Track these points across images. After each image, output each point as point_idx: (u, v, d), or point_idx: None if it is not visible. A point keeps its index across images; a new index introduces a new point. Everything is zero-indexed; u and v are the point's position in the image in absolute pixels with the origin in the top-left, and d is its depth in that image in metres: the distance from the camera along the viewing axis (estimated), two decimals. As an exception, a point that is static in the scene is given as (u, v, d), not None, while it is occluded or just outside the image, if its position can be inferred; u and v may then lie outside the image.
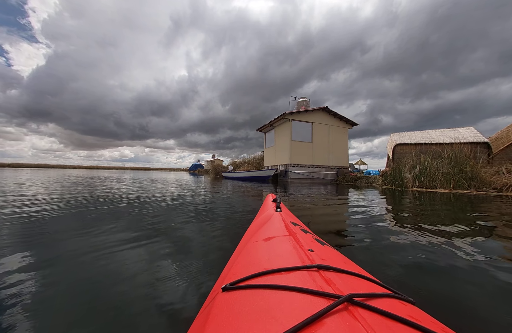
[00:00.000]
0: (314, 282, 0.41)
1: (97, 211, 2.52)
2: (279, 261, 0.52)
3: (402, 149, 11.71)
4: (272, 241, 0.68)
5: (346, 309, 0.33)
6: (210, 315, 0.42)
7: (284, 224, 0.81)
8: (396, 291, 0.45)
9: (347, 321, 0.31)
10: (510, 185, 5.93)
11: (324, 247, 0.64)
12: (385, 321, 0.32)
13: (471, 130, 11.28)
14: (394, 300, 0.41)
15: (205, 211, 2.73)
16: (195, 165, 49.81)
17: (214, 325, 0.38)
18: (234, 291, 0.45)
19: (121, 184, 7.11)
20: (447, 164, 7.39)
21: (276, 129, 14.27)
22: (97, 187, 5.56)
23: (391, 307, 0.37)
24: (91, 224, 1.98)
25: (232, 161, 24.15)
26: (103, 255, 1.29)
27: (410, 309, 0.40)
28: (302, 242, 0.61)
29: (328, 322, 0.31)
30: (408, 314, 0.36)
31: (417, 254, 1.41)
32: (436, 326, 0.36)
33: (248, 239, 0.83)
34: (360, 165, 26.44)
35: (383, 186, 8.73)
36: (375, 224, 2.22)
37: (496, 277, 1.13)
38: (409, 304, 0.42)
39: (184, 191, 5.33)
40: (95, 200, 3.33)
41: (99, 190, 4.94)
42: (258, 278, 0.47)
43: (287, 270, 0.46)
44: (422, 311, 0.42)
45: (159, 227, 1.94)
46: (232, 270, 0.59)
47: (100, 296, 0.91)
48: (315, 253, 0.54)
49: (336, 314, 0.32)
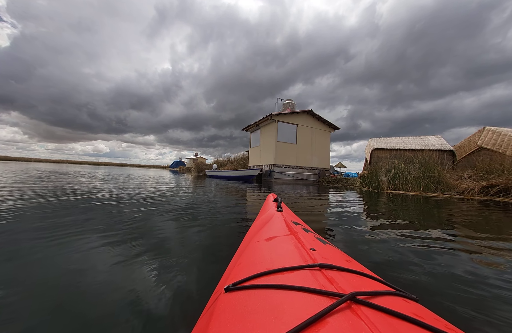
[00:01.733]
0: (317, 281, 0.41)
1: (84, 208, 2.35)
2: (281, 261, 0.52)
3: (379, 154, 12.40)
4: (273, 240, 0.68)
5: (349, 307, 0.33)
6: (213, 315, 0.42)
7: (286, 224, 0.81)
8: (399, 289, 0.45)
9: (351, 319, 0.31)
10: (471, 189, 6.61)
11: (326, 245, 0.64)
12: (388, 319, 0.32)
13: (439, 138, 12.32)
14: (397, 298, 0.40)
15: (197, 210, 2.67)
16: (177, 162, 48.32)
17: (217, 325, 0.38)
18: (237, 291, 0.45)
19: (107, 182, 6.65)
20: (418, 169, 7.96)
21: (262, 130, 14.35)
22: (71, 183, 5.16)
23: (395, 305, 0.37)
24: (96, 223, 1.83)
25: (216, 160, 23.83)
26: (94, 256, 1.21)
27: (413, 307, 0.39)
28: (303, 241, 0.61)
29: (331, 321, 0.30)
30: (412, 312, 0.36)
31: (386, 244, 1.66)
32: (440, 324, 0.36)
33: (250, 239, 0.82)
34: (339, 168, 27.63)
35: (361, 188, 9.17)
36: (353, 219, 2.38)
37: (453, 264, 1.32)
38: (413, 301, 0.42)
39: (172, 189, 5.18)
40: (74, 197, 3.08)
41: (76, 186, 4.59)
42: (260, 278, 0.47)
43: (289, 270, 0.46)
44: (426, 308, 0.41)
45: (150, 227, 1.86)
46: (234, 270, 0.59)
47: (94, 298, 0.86)
48: (317, 252, 0.54)
49: (339, 313, 0.32)
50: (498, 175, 6.64)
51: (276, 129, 12.69)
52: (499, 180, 6.26)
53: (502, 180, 6.21)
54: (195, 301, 0.86)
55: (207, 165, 23.07)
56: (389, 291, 0.42)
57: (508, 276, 1.20)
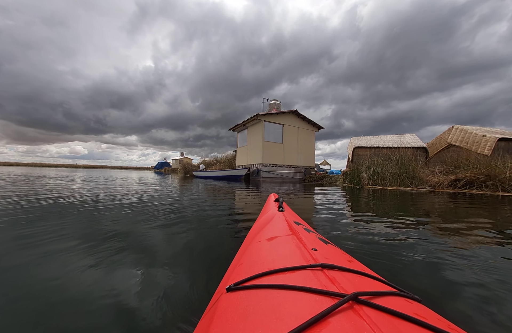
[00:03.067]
0: (319, 281, 0.41)
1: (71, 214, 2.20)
2: (283, 261, 0.52)
3: (360, 152, 12.96)
4: (275, 240, 0.67)
5: (351, 307, 0.33)
6: (215, 315, 0.42)
7: (287, 224, 0.80)
8: (402, 289, 0.45)
9: (353, 319, 0.30)
10: (441, 182, 7.18)
11: (328, 245, 0.64)
12: (390, 319, 0.32)
13: (414, 136, 13.16)
14: (399, 298, 0.40)
15: (188, 211, 2.62)
16: (161, 163, 46.83)
17: (219, 325, 0.38)
18: (239, 291, 0.45)
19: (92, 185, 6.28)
20: (395, 165, 8.43)
21: (249, 130, 14.37)
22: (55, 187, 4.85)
23: (397, 305, 0.37)
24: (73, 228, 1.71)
25: (203, 160, 23.48)
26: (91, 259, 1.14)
27: (416, 307, 0.39)
28: (305, 241, 0.61)
29: (333, 321, 0.30)
30: (414, 312, 0.36)
31: (365, 231, 1.89)
32: (443, 324, 0.35)
33: (252, 239, 0.82)
34: (324, 166, 28.44)
35: (344, 184, 9.52)
36: (337, 213, 2.55)
37: (425, 249, 1.48)
38: (415, 302, 0.42)
39: (158, 190, 5.02)
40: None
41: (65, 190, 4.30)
42: (262, 278, 0.47)
43: (291, 270, 0.46)
44: (428, 309, 0.41)
45: (150, 227, 1.83)
46: (236, 270, 0.59)
47: (96, 300, 0.81)
48: (319, 252, 0.54)
49: (341, 313, 0.31)
50: (464, 169, 7.24)
51: (263, 129, 12.78)
52: (465, 174, 6.84)
53: (468, 173, 6.80)
54: (197, 301, 0.86)
55: (193, 166, 22.64)
56: (391, 291, 0.41)
57: (468, 253, 1.37)
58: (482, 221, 2.42)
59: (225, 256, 1.29)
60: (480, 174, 6.53)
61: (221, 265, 1.16)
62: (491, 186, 6.23)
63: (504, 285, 1.02)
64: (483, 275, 1.12)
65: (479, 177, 6.48)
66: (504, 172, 6.18)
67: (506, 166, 6.34)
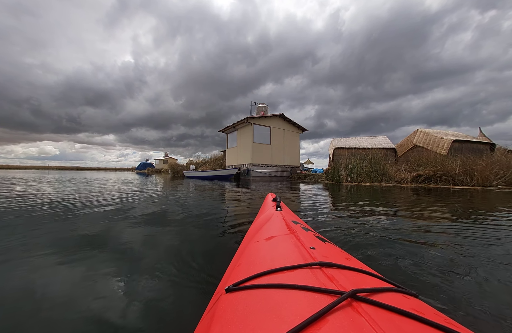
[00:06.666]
0: (317, 279, 0.40)
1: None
2: (281, 260, 0.51)
3: (339, 152, 13.64)
4: (273, 240, 0.66)
5: (350, 305, 0.32)
6: (214, 317, 0.41)
7: (285, 223, 0.78)
8: (399, 285, 0.44)
9: (351, 317, 0.30)
10: (406, 178, 7.94)
11: (326, 244, 0.62)
12: (389, 315, 0.31)
13: (385, 138, 14.18)
14: (397, 294, 0.40)
15: (183, 210, 2.61)
16: (144, 164, 44.98)
17: (219, 326, 0.37)
18: (238, 291, 0.44)
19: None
20: (368, 164, 9.05)
21: (239, 132, 14.60)
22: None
23: (395, 301, 0.36)
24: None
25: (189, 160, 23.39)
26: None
27: (413, 303, 0.39)
28: (303, 240, 0.60)
29: (332, 319, 0.30)
30: (411, 308, 0.35)
31: (341, 218, 2.17)
32: (440, 319, 0.35)
33: (250, 239, 0.80)
34: (308, 164, 29.64)
35: (326, 181, 10.05)
36: (319, 204, 2.84)
37: (389, 230, 1.71)
38: (413, 297, 0.41)
39: (152, 192, 5.04)
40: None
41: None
42: (261, 278, 0.45)
43: (289, 269, 0.45)
44: (425, 304, 0.41)
45: (150, 227, 1.82)
46: (234, 271, 0.57)
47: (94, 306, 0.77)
48: (317, 251, 0.53)
49: (340, 311, 0.31)
50: (424, 167, 8.05)
51: (252, 132, 13.07)
52: (425, 171, 7.64)
53: (427, 170, 7.63)
54: (196, 303, 0.83)
55: (183, 166, 22.48)
56: (389, 287, 0.41)
57: (427, 237, 1.53)
58: (437, 208, 2.81)
59: (225, 256, 1.24)
60: (436, 170, 7.33)
61: (220, 265, 1.12)
62: (444, 181, 7.07)
63: (461, 253, 1.25)
64: (443, 251, 1.32)
65: (435, 173, 7.30)
66: (454, 169, 7.20)
67: (456, 164, 7.40)
